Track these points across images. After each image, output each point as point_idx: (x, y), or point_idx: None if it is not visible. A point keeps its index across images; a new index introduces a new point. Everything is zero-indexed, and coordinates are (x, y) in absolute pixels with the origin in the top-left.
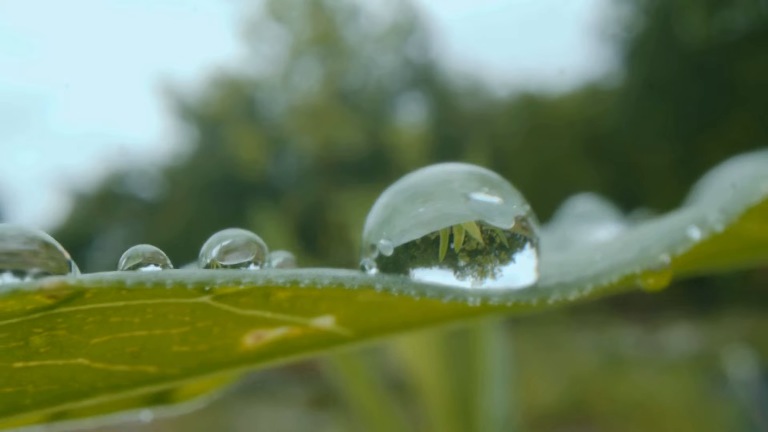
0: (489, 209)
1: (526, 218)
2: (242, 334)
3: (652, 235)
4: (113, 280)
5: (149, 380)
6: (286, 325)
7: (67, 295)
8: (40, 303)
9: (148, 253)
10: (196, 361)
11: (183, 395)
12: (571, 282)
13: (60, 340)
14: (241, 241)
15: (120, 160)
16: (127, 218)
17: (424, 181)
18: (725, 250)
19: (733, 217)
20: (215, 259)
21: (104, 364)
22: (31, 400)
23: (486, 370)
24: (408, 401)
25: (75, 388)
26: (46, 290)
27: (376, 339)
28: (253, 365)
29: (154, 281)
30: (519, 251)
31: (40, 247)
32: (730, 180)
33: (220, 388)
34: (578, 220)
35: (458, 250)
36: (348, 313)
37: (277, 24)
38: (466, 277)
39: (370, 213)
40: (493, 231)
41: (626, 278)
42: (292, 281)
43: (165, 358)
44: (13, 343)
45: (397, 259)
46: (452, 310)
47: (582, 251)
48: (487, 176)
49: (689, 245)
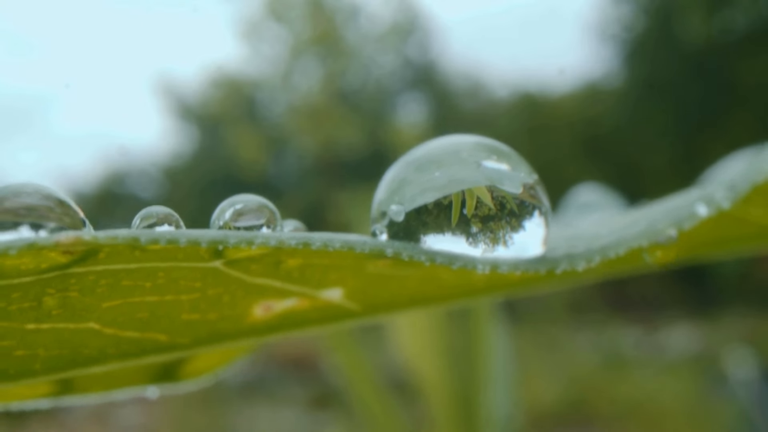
0: (499, 175)
1: (534, 186)
2: (252, 304)
3: (659, 212)
4: (128, 237)
5: (159, 348)
6: (295, 296)
7: (82, 252)
8: (55, 261)
9: (161, 213)
10: (206, 330)
11: (189, 372)
12: (580, 253)
13: (72, 302)
14: (253, 205)
15: (120, 160)
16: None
17: (434, 151)
18: (730, 236)
19: (740, 195)
20: (228, 221)
21: (115, 330)
22: (41, 365)
23: (488, 369)
24: (410, 400)
25: (85, 354)
26: (62, 244)
27: (384, 314)
28: (262, 337)
29: (168, 239)
30: (528, 218)
31: (55, 204)
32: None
33: (226, 367)
34: (582, 210)
35: (470, 215)
36: (356, 286)
37: (277, 24)
38: (478, 244)
39: (379, 185)
40: (503, 197)
41: (634, 251)
42: (304, 243)
43: (175, 325)
44: (27, 304)
45: (408, 226)
46: (460, 287)
47: (589, 226)
48: (495, 146)
49: (696, 221)
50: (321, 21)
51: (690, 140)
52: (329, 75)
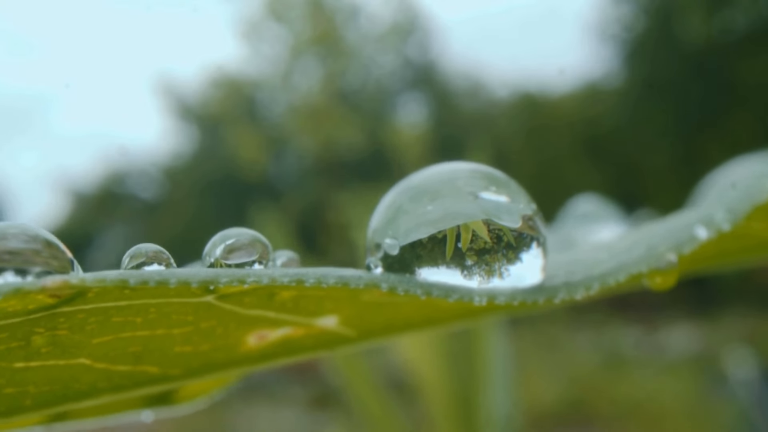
0: (496, 208)
1: (532, 217)
2: (245, 334)
3: (658, 234)
4: (116, 279)
5: (151, 381)
6: (290, 325)
7: (70, 295)
8: (42, 302)
9: (151, 252)
10: (199, 361)
11: (184, 396)
12: (578, 281)
13: (62, 340)
14: (245, 240)
15: (120, 160)
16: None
17: (430, 179)
18: (730, 250)
19: (740, 216)
20: (219, 258)
21: (106, 365)
22: (32, 401)
23: (487, 369)
24: (409, 401)
25: (76, 389)
26: (49, 289)
27: (380, 339)
28: (256, 365)
29: (158, 280)
30: (526, 250)
31: (42, 246)
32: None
33: (222, 389)
34: (581, 221)
35: (465, 249)
36: (352, 313)
37: (277, 24)
38: (474, 277)
39: (375, 212)
40: (500, 230)
41: (633, 277)
42: (298, 280)
43: (167, 358)
44: (15, 343)
45: (402, 258)
46: (457, 310)
47: (588, 250)
48: (493, 175)
49: (696, 244)
50: (321, 21)
51: (690, 140)
52: (329, 75)
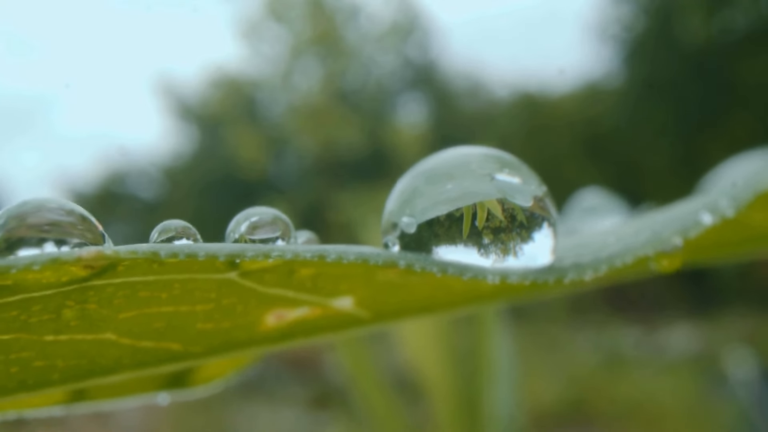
0: (510, 188)
1: (543, 198)
2: (264, 313)
3: (664, 220)
4: (148, 252)
5: (173, 357)
6: (307, 305)
7: (103, 266)
8: (75, 275)
9: (179, 227)
10: (219, 339)
11: (201, 378)
12: (587, 263)
13: (90, 314)
14: (268, 218)
15: (120, 160)
16: (127, 218)
17: (444, 163)
18: (732, 240)
19: (744, 204)
20: (244, 234)
21: (131, 340)
22: (59, 375)
23: (491, 369)
24: (413, 400)
25: (102, 364)
26: (84, 260)
27: (394, 321)
28: (274, 345)
29: (187, 253)
30: (537, 230)
31: (77, 220)
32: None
33: (237, 372)
34: (585, 214)
35: (482, 227)
36: (367, 294)
37: (277, 24)
38: (490, 255)
39: (390, 196)
40: (513, 209)
41: (640, 260)
42: (320, 256)
43: (189, 335)
44: (46, 316)
45: (420, 237)
46: (469, 293)
47: (595, 235)
48: (505, 158)
49: (701, 229)
50: (321, 21)
51: (690, 140)
52: (329, 75)
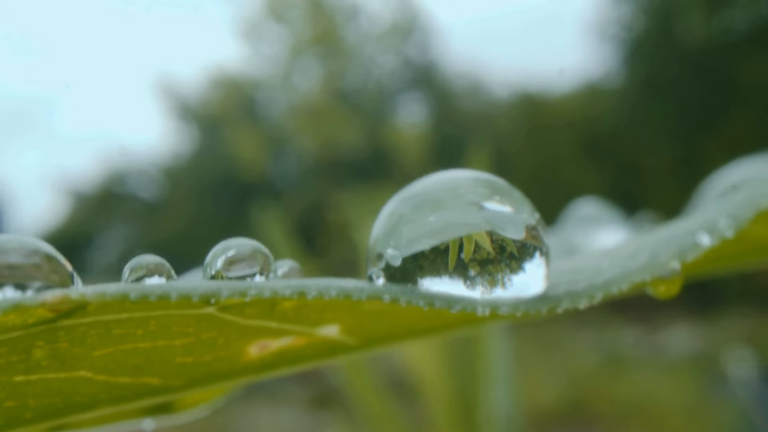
0: (500, 219)
1: (536, 227)
2: (247, 344)
3: (661, 242)
4: (117, 294)
5: (152, 392)
6: (292, 335)
7: (70, 309)
8: (42, 316)
9: (151, 264)
10: (200, 371)
11: (185, 404)
12: (581, 290)
13: (62, 353)
14: (246, 251)
15: (120, 160)
16: (127, 218)
17: (432, 187)
18: (732, 254)
19: (744, 223)
20: (220, 270)
21: (107, 377)
22: (32, 414)
23: (488, 369)
24: (410, 400)
25: (77, 401)
26: (49, 304)
27: (382, 347)
28: (258, 375)
29: (159, 294)
30: (529, 260)
31: (42, 260)
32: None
33: (223, 396)
34: (582, 224)
35: (468, 259)
36: (353, 322)
37: (277, 24)
38: (476, 287)
39: (376, 221)
40: (503, 240)
41: (636, 286)
42: (299, 293)
43: (168, 369)
44: (15, 357)
45: (405, 269)
46: (459, 318)
47: (590, 258)
48: (496, 184)
49: (699, 252)
50: (321, 21)
51: (690, 140)
52: (329, 75)
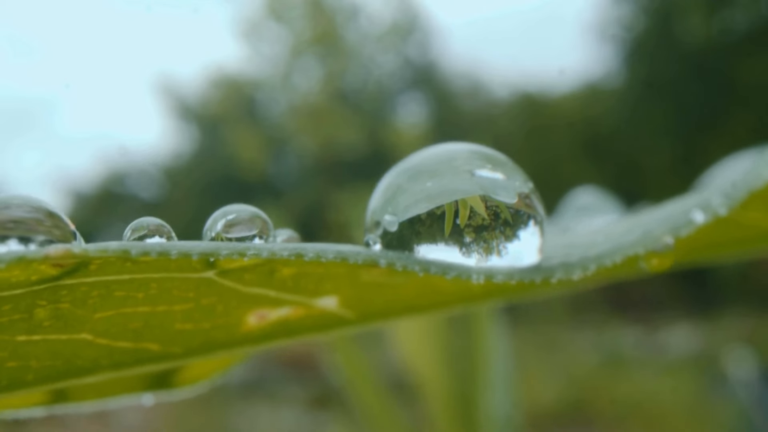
0: (493, 184)
1: (529, 195)
2: (246, 313)
3: (655, 219)
4: (118, 250)
5: (152, 358)
6: (290, 305)
7: (72, 264)
8: (45, 273)
9: (152, 225)
10: (199, 339)
11: (185, 379)
12: (575, 262)
13: (64, 314)
14: (245, 215)
15: (120, 160)
16: (127, 218)
17: (428, 159)
18: (728, 240)
19: (737, 201)
20: (220, 232)
21: (107, 340)
22: (33, 376)
23: (488, 369)
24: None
25: (78, 365)
26: (52, 258)
27: (379, 322)
28: (256, 346)
29: (159, 251)
30: (523, 228)
31: (44, 216)
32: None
33: (221, 373)
34: (580, 213)
35: (464, 225)
36: (351, 294)
37: (277, 24)
38: (472, 254)
39: (374, 193)
40: (497, 207)
41: (630, 259)
42: (297, 254)
43: (168, 335)
44: (17, 316)
45: (401, 236)
46: (456, 294)
47: (584, 234)
48: (490, 154)
49: (693, 228)
50: (321, 21)
51: (690, 140)
52: (329, 75)
